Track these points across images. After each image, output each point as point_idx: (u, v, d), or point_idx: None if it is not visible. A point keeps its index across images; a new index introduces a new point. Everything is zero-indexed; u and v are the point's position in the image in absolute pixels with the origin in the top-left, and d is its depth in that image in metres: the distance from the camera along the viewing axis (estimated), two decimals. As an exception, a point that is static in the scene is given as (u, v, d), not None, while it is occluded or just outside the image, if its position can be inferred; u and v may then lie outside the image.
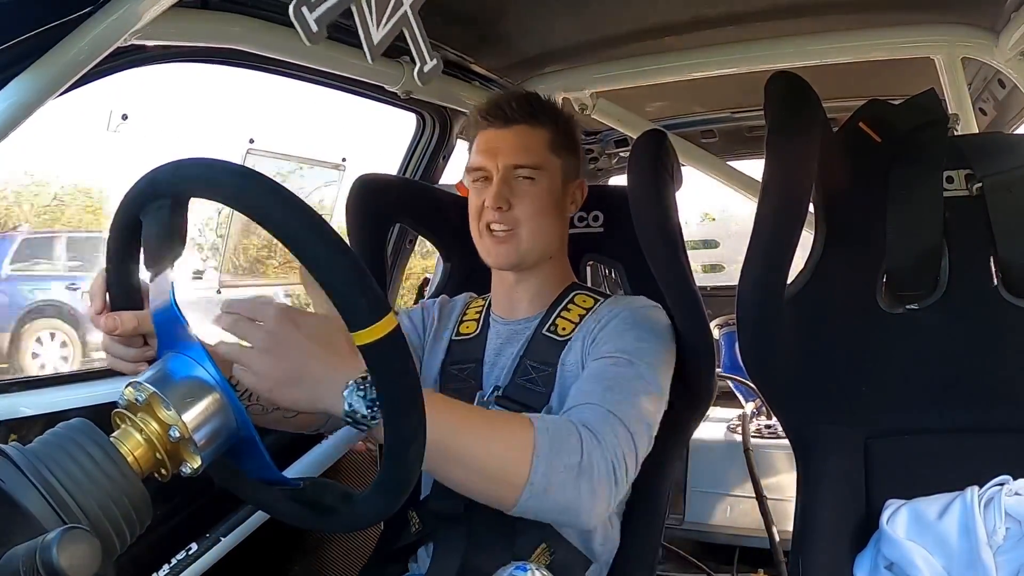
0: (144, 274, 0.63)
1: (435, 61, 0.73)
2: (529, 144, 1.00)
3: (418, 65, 0.73)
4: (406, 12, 0.67)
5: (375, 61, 0.65)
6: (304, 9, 0.60)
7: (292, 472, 1.12)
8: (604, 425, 0.80)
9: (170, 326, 0.60)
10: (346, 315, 0.52)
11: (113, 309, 0.67)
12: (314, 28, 0.59)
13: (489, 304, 1.10)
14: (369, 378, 0.61)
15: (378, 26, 0.65)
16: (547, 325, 1.01)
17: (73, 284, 6.19)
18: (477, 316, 1.10)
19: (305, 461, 1.11)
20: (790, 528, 1.01)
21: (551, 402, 0.96)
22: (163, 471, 0.55)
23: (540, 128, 1.02)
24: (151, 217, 0.60)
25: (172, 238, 0.60)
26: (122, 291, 0.67)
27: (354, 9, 0.63)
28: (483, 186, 1.01)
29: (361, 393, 0.61)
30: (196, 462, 0.56)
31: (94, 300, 0.68)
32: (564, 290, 1.05)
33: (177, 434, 0.54)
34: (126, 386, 0.55)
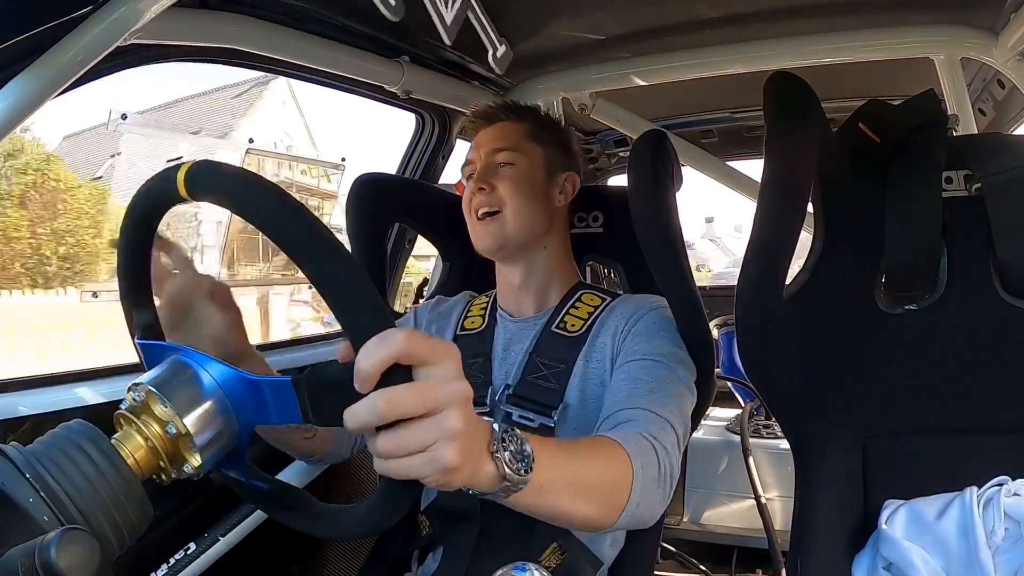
0: None
1: (504, 47, 0.74)
2: (507, 133, 1.07)
3: (491, 51, 0.73)
4: None
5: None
6: None
7: (284, 477, 1.11)
8: (660, 430, 0.81)
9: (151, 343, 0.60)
10: (166, 186, 0.54)
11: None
12: (393, 2, 0.59)
13: (494, 300, 1.11)
14: (503, 425, 0.55)
15: (447, 7, 0.65)
16: (556, 323, 1.02)
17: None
18: (482, 312, 1.10)
19: (296, 467, 1.11)
20: (788, 528, 1.01)
21: (567, 398, 0.96)
22: (164, 474, 0.55)
23: (520, 122, 1.09)
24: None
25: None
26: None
27: None
28: (472, 180, 1.06)
29: (506, 443, 0.54)
30: (197, 465, 0.55)
31: None
32: (571, 289, 1.06)
33: (178, 436, 0.54)
34: (129, 388, 0.55)
